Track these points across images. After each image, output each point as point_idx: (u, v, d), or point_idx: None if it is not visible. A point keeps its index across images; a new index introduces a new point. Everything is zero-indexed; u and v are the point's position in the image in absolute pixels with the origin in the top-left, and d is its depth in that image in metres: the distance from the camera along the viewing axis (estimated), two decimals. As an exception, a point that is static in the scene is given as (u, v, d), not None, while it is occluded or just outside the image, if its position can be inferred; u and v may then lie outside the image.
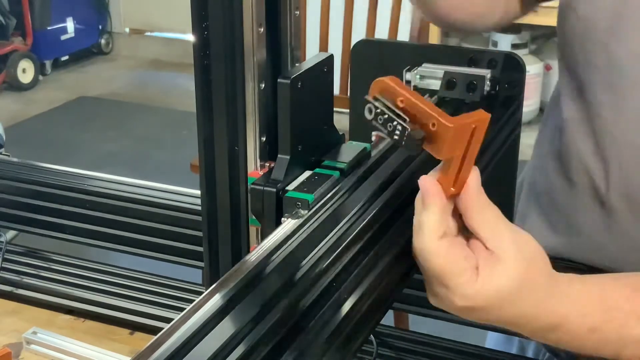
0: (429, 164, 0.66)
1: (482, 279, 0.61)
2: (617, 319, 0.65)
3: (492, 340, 1.14)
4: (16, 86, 4.56)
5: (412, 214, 0.65)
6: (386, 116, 0.60)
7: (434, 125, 0.59)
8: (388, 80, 0.61)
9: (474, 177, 0.62)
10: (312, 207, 0.67)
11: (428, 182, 0.62)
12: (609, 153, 0.86)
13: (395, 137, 0.60)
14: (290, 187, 0.68)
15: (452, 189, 0.62)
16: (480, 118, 0.60)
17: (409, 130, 0.59)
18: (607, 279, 0.69)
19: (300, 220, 0.65)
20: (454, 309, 0.64)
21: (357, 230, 0.66)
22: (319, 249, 0.63)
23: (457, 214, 0.64)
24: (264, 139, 0.70)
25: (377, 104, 0.61)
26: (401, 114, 0.60)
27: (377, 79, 0.61)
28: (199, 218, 0.74)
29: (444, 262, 0.61)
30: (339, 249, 0.64)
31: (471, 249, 0.63)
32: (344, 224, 0.66)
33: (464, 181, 0.62)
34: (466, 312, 0.63)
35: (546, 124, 1.01)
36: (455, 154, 0.60)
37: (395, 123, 0.60)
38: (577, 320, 0.65)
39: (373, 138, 0.64)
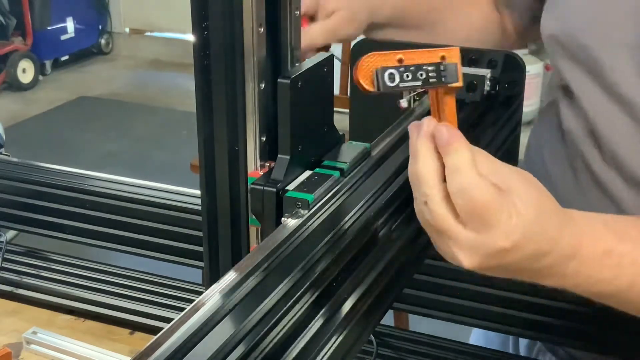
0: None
1: (515, 211, 0.60)
2: (628, 240, 0.66)
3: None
4: (16, 86, 4.56)
5: (412, 214, 0.65)
6: (412, 68, 0.60)
7: (444, 57, 0.60)
8: (370, 55, 0.61)
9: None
10: (312, 207, 0.67)
11: (446, 128, 0.61)
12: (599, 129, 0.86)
13: (432, 80, 0.60)
14: (290, 187, 0.68)
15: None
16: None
17: (444, 63, 0.60)
18: (607, 214, 0.70)
19: (300, 220, 0.65)
20: (490, 252, 0.61)
21: (357, 230, 0.66)
22: (319, 249, 0.63)
23: None
24: (264, 139, 0.70)
25: (391, 70, 0.60)
26: (415, 63, 0.60)
27: (365, 56, 0.60)
28: (199, 218, 0.74)
29: (490, 198, 0.59)
30: (339, 249, 0.64)
31: None
32: (344, 224, 0.66)
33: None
34: (501, 255, 0.61)
35: (543, 119, 1.02)
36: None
37: (424, 68, 0.60)
38: (591, 245, 0.65)
39: (404, 104, 0.62)
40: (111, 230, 1.11)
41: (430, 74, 0.60)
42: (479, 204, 0.60)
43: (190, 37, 0.68)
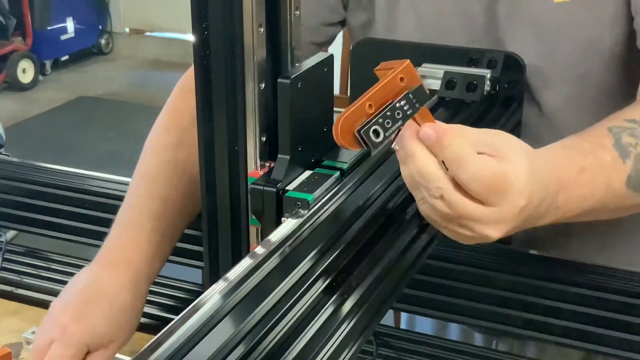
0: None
1: (520, 168, 0.63)
2: (588, 153, 0.74)
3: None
4: (16, 86, 4.56)
5: (412, 213, 0.65)
6: (388, 113, 0.61)
7: (402, 78, 0.61)
8: (343, 116, 0.61)
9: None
10: (312, 207, 0.67)
11: (430, 127, 0.62)
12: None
13: (409, 111, 0.61)
14: (290, 187, 0.68)
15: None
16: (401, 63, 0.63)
17: (409, 91, 0.61)
18: (559, 141, 0.76)
19: (300, 220, 0.65)
20: (514, 215, 0.63)
21: (356, 230, 0.66)
22: (319, 249, 0.63)
23: None
24: (264, 139, 0.70)
25: (370, 127, 0.61)
26: (385, 105, 0.61)
27: (340, 124, 0.60)
28: (199, 218, 0.74)
29: (497, 170, 0.61)
30: (339, 249, 0.64)
31: None
32: (344, 224, 0.66)
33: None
34: (521, 213, 0.63)
35: None
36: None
37: (397, 106, 0.61)
38: (565, 170, 0.71)
39: (396, 146, 0.64)
40: (111, 230, 1.11)
41: (405, 108, 0.61)
42: (491, 181, 0.61)
43: (190, 37, 0.68)
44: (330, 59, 0.73)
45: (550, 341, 0.97)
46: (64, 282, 1.11)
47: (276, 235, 0.64)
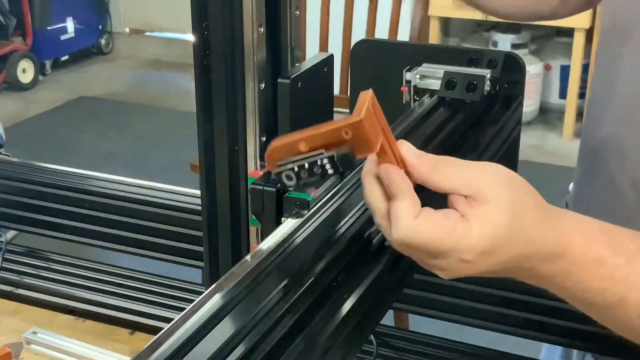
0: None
1: (476, 221, 0.59)
2: (623, 254, 0.63)
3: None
4: (16, 86, 4.56)
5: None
6: (306, 165, 0.58)
7: (347, 132, 0.57)
8: (274, 144, 0.58)
9: (406, 147, 0.61)
10: (312, 207, 0.67)
11: (388, 171, 0.59)
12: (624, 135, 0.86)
13: (330, 171, 0.58)
14: (290, 187, 0.68)
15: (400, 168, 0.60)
16: (368, 96, 0.59)
17: (336, 154, 0.57)
18: (608, 223, 0.66)
19: (300, 220, 0.65)
20: (468, 268, 0.60)
21: (357, 230, 0.66)
22: (319, 249, 0.62)
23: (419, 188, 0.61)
24: (264, 139, 0.70)
25: (287, 166, 0.58)
26: (314, 152, 0.58)
27: (267, 152, 0.59)
28: (199, 218, 0.74)
29: (433, 232, 0.58)
30: (339, 249, 0.64)
31: (451, 207, 0.61)
32: (344, 224, 0.66)
33: (400, 155, 0.61)
34: (480, 263, 0.60)
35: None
36: (381, 139, 0.59)
37: (319, 162, 0.58)
38: (583, 249, 0.63)
39: (312, 195, 0.64)
40: (111, 230, 1.11)
41: (326, 167, 0.58)
42: (428, 241, 0.59)
43: (190, 37, 0.68)
44: (330, 58, 0.73)
45: (550, 341, 0.97)
46: (64, 282, 1.11)
47: (276, 235, 0.64)
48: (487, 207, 0.59)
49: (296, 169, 0.58)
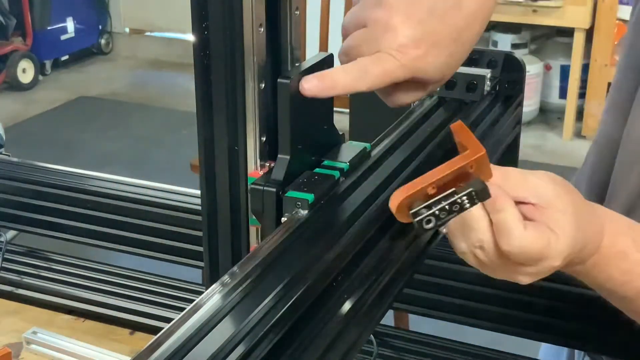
0: (428, 164, 0.66)
1: (557, 229, 0.63)
2: None
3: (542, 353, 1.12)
4: (16, 86, 4.56)
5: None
6: (446, 206, 0.61)
7: (472, 166, 0.61)
8: (401, 195, 0.62)
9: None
10: (312, 207, 0.66)
11: (494, 189, 0.62)
12: None
13: (467, 205, 0.61)
14: (290, 187, 0.68)
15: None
16: (464, 127, 0.65)
17: (473, 190, 0.60)
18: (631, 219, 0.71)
19: (301, 221, 0.65)
20: (548, 271, 0.65)
21: (357, 230, 0.66)
22: (319, 249, 0.62)
23: None
24: (264, 139, 0.70)
25: (424, 210, 0.61)
26: (447, 192, 0.61)
27: (397, 201, 0.62)
28: (199, 218, 0.74)
29: (539, 241, 0.62)
30: (339, 249, 0.64)
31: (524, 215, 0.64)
32: (344, 224, 0.66)
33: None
34: (559, 266, 0.65)
35: None
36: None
37: (456, 199, 0.61)
38: (610, 240, 0.67)
39: (444, 231, 0.66)
40: (111, 230, 1.11)
41: (464, 203, 0.61)
42: (532, 254, 0.63)
43: (190, 37, 0.68)
44: (330, 58, 0.73)
45: (550, 341, 0.97)
46: (64, 282, 1.11)
47: (276, 235, 0.64)
48: (557, 213, 0.63)
49: (437, 213, 0.61)
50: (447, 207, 0.61)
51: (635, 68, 0.90)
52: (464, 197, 0.60)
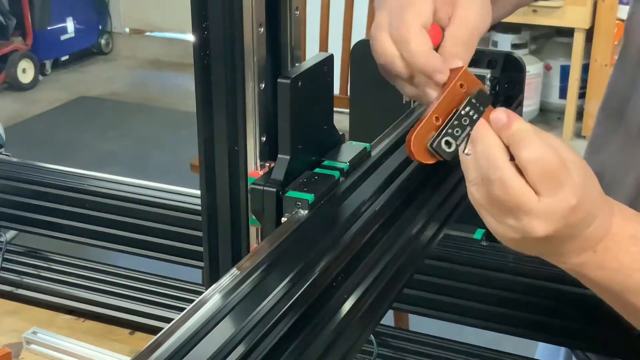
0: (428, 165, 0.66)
1: (577, 173, 0.62)
2: None
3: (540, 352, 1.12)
4: (16, 86, 4.56)
5: (412, 213, 0.65)
6: (455, 122, 0.64)
7: (462, 85, 0.64)
8: (413, 135, 0.64)
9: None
10: (312, 207, 0.66)
11: (503, 110, 0.63)
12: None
13: (475, 116, 0.64)
14: (290, 187, 0.68)
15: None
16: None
17: (470, 96, 0.64)
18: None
19: (301, 221, 0.65)
20: (564, 212, 0.62)
21: (356, 230, 0.66)
22: (319, 249, 0.62)
23: None
24: (264, 139, 0.70)
25: (442, 137, 0.63)
26: (451, 114, 0.64)
27: (410, 143, 0.63)
28: (199, 218, 0.74)
29: (559, 160, 0.62)
30: (339, 249, 0.64)
31: None
32: (344, 224, 0.66)
33: None
34: (570, 214, 0.62)
35: None
36: None
37: (463, 112, 0.64)
38: (621, 224, 0.66)
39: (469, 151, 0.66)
40: (111, 230, 1.11)
41: (470, 114, 0.64)
42: (550, 167, 0.61)
43: (190, 37, 0.68)
44: (330, 58, 0.73)
45: (550, 341, 0.97)
46: (64, 282, 1.11)
47: (276, 235, 0.64)
48: (569, 163, 0.62)
49: (450, 131, 0.63)
50: (456, 123, 0.63)
51: (627, 69, 0.91)
52: (468, 108, 0.64)
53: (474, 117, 0.64)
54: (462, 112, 0.64)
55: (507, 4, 0.91)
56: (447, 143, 0.63)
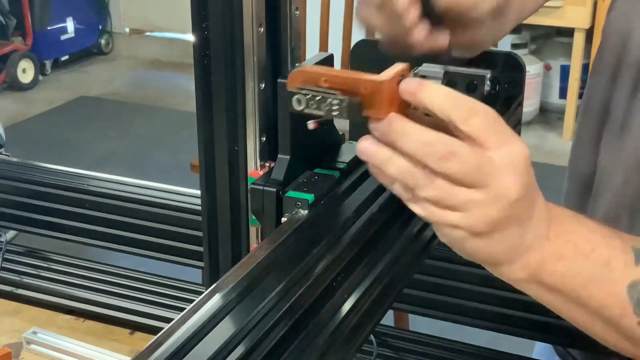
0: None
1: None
2: (597, 232, 0.65)
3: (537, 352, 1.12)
4: (16, 86, 4.56)
5: (413, 213, 0.65)
6: (318, 98, 0.61)
7: (365, 88, 0.60)
8: (305, 69, 0.62)
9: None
10: (312, 207, 0.67)
11: (409, 80, 0.60)
12: None
13: (335, 112, 0.61)
14: (290, 187, 0.68)
15: None
16: (403, 68, 0.62)
17: (347, 99, 0.60)
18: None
19: (301, 221, 0.65)
20: (522, 161, 0.60)
21: (356, 230, 0.66)
22: (319, 249, 0.63)
23: None
24: (264, 139, 0.70)
25: (303, 92, 0.62)
26: (331, 91, 0.61)
27: (293, 71, 0.62)
28: (199, 218, 0.74)
29: (502, 122, 0.60)
30: (339, 249, 0.64)
31: None
32: (344, 224, 0.66)
33: None
34: (524, 169, 0.60)
35: None
36: (393, 109, 0.60)
37: (329, 100, 0.61)
38: (583, 232, 0.64)
39: (311, 126, 0.64)
40: (111, 230, 1.11)
41: (333, 107, 0.61)
42: (489, 115, 0.60)
43: (190, 37, 0.68)
44: (330, 58, 0.73)
45: (550, 341, 0.97)
46: (64, 282, 1.11)
47: (276, 235, 0.64)
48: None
49: (309, 97, 0.61)
50: (319, 99, 0.61)
51: (604, 73, 0.91)
52: (336, 102, 0.61)
53: (332, 111, 0.61)
54: (329, 100, 0.61)
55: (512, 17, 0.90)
56: (299, 102, 0.62)
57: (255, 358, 0.53)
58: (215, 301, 0.55)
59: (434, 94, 0.59)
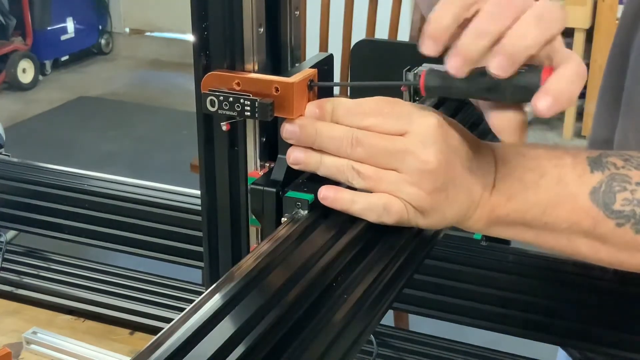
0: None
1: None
2: (542, 148, 0.66)
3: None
4: (16, 86, 4.56)
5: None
6: (231, 99, 0.64)
7: (277, 89, 0.64)
8: (218, 72, 0.66)
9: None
10: (312, 207, 0.66)
11: (312, 103, 0.65)
12: None
13: (247, 113, 0.64)
14: (290, 187, 0.68)
15: None
16: (311, 72, 0.67)
17: (258, 100, 0.63)
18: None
19: (300, 220, 0.65)
20: (431, 130, 0.62)
21: (356, 230, 0.66)
22: (319, 249, 0.63)
23: None
24: (264, 139, 0.70)
25: (216, 94, 0.65)
26: (243, 93, 0.64)
27: (206, 75, 0.65)
28: (199, 218, 0.74)
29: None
30: (339, 249, 0.64)
31: None
32: (344, 224, 0.66)
33: None
34: (440, 133, 0.62)
35: None
36: (303, 110, 0.65)
37: (242, 101, 0.64)
38: (528, 163, 0.65)
39: (224, 128, 0.67)
40: (111, 230, 1.11)
41: (245, 108, 0.64)
42: (384, 105, 0.64)
43: (190, 37, 0.68)
44: (330, 58, 0.73)
45: (549, 341, 0.97)
46: (64, 282, 1.12)
47: (276, 236, 0.64)
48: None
49: (222, 98, 0.64)
50: (232, 100, 0.64)
51: (616, 71, 0.91)
52: (248, 104, 0.64)
53: (243, 112, 0.64)
54: (241, 100, 0.64)
55: None
56: (212, 104, 0.65)
57: (255, 358, 0.53)
58: (215, 301, 0.55)
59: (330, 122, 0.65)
